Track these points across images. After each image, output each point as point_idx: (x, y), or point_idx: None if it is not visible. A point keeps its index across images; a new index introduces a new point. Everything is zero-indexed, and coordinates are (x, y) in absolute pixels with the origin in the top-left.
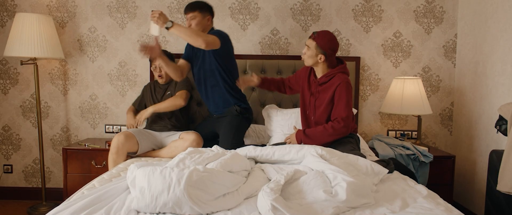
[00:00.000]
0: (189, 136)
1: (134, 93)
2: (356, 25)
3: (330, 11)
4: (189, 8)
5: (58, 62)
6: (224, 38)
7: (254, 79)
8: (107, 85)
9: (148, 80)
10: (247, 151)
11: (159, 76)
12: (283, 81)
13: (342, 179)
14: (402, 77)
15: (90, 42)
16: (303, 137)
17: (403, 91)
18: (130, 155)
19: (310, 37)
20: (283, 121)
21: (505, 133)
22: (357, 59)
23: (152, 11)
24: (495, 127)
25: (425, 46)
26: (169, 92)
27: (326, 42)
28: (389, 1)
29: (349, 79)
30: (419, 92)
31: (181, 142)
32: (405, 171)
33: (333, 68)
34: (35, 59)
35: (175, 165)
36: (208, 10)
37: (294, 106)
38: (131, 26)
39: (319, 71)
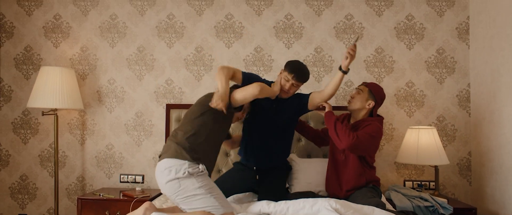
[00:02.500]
0: None
1: (149, 143)
2: (368, 76)
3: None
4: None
5: (77, 113)
6: None
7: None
8: (123, 135)
9: (164, 131)
10: (261, 207)
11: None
12: (317, 131)
13: None
14: (417, 127)
15: (108, 93)
16: (330, 115)
17: (418, 141)
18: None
19: (362, 84)
20: (306, 169)
21: None
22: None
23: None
24: None
25: (439, 95)
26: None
27: (379, 90)
28: (400, 52)
29: (381, 128)
30: (434, 142)
31: None
32: None
33: (371, 116)
34: (55, 110)
35: None
36: None
37: (324, 156)
38: (148, 77)
39: (356, 118)
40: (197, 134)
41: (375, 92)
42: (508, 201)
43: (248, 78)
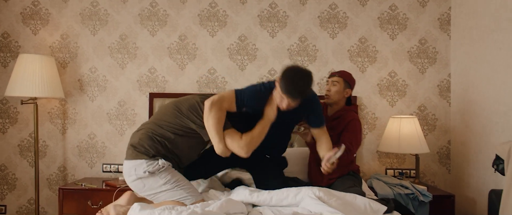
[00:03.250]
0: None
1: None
2: (352, 65)
3: (326, 51)
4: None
5: (58, 102)
6: None
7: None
8: (106, 124)
9: (147, 119)
10: (244, 196)
11: None
12: None
13: None
14: (399, 116)
15: (90, 82)
16: None
17: (400, 130)
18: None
19: (335, 75)
20: (289, 159)
21: (502, 173)
22: (354, 99)
23: None
24: (493, 166)
25: (420, 85)
26: None
27: (350, 77)
28: (383, 42)
29: (359, 119)
30: (415, 131)
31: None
32: (406, 212)
33: (348, 106)
34: (35, 98)
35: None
36: None
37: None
38: (131, 66)
39: (335, 109)
40: (160, 140)
41: (349, 80)
42: (485, 188)
43: (241, 104)
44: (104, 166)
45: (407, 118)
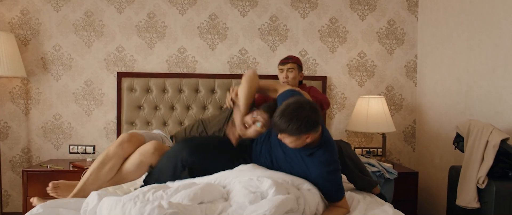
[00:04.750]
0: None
1: (100, 113)
2: (322, 45)
3: (297, 31)
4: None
5: (19, 81)
6: None
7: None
8: (72, 104)
9: (115, 100)
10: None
11: None
12: None
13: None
14: (367, 96)
15: (54, 60)
16: None
17: (368, 110)
18: None
19: (289, 62)
20: None
21: (462, 150)
22: (323, 79)
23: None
24: (453, 144)
25: (388, 66)
26: None
27: (300, 61)
28: (353, 23)
29: None
30: (383, 110)
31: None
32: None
33: (300, 85)
34: None
35: (142, 194)
36: None
37: None
38: (97, 44)
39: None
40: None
41: (301, 64)
42: (445, 165)
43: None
44: (71, 147)
45: (375, 98)
